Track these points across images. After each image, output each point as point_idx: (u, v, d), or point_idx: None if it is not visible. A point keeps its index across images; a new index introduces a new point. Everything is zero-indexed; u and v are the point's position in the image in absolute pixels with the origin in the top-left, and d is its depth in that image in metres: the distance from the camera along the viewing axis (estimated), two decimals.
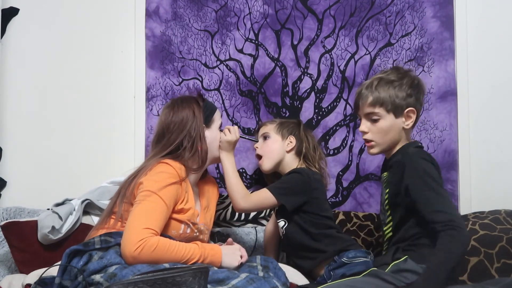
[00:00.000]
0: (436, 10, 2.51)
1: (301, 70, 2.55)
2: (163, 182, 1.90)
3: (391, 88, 1.98)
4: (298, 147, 2.28)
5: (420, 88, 2.03)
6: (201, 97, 2.18)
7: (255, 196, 2.15)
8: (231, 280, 1.66)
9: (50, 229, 2.12)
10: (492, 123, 2.48)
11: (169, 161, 1.98)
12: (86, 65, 2.63)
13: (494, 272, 2.08)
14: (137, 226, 1.79)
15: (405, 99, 1.98)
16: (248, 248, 2.31)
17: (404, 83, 2.00)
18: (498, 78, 2.49)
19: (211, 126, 2.13)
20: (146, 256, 1.74)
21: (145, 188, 1.89)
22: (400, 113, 1.98)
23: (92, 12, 2.64)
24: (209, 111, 2.13)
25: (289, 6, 2.56)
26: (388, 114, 1.99)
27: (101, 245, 1.80)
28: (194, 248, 1.84)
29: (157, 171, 1.95)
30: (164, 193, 1.88)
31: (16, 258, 2.19)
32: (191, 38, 2.59)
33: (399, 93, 1.97)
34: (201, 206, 2.15)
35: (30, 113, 2.62)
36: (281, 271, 1.85)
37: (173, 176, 1.94)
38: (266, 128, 2.32)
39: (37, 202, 2.45)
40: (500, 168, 2.47)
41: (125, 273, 1.67)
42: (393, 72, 2.04)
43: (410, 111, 1.99)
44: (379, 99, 1.98)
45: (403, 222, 1.92)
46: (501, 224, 2.19)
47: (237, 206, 2.14)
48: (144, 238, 1.76)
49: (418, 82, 2.04)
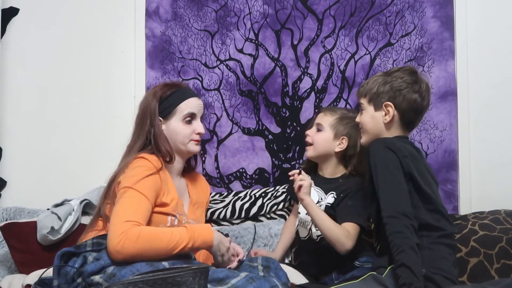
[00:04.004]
0: (436, 10, 2.50)
1: (301, 70, 2.55)
2: (138, 176, 1.87)
3: (379, 80, 1.98)
4: (348, 151, 2.18)
5: (412, 87, 1.95)
6: (170, 86, 2.07)
7: (351, 230, 2.02)
8: (231, 279, 1.66)
9: (49, 230, 2.13)
10: (492, 123, 2.48)
11: (144, 155, 1.95)
12: (86, 65, 2.63)
13: (494, 273, 2.08)
14: (117, 221, 1.75)
15: (387, 93, 1.95)
16: (247, 242, 2.30)
17: (392, 78, 1.96)
18: (498, 78, 2.48)
19: (171, 118, 2.02)
20: (129, 247, 1.69)
21: (123, 185, 1.86)
22: (379, 106, 1.96)
23: (92, 12, 2.64)
24: (171, 102, 2.02)
25: (289, 6, 2.56)
26: (369, 105, 1.99)
27: (93, 248, 1.78)
28: (181, 231, 1.77)
29: (133, 167, 1.91)
30: (141, 186, 1.85)
31: (15, 259, 2.19)
32: (191, 38, 2.59)
33: (381, 87, 1.96)
34: (191, 201, 2.12)
35: (30, 113, 2.62)
36: (282, 271, 1.85)
37: (149, 168, 1.91)
38: (323, 120, 2.20)
39: (37, 202, 2.46)
40: (500, 168, 2.46)
41: (124, 272, 1.66)
42: (399, 71, 2.00)
43: (387, 105, 1.95)
44: (364, 90, 2.00)
45: (379, 212, 1.86)
46: (501, 224, 2.19)
47: (346, 247, 1.98)
48: (124, 230, 1.71)
49: (411, 80, 1.96)
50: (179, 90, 2.06)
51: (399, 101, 1.95)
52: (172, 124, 2.03)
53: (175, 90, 2.05)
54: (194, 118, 2.05)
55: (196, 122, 2.05)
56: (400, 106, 1.95)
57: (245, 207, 2.38)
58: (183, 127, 2.03)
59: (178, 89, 2.06)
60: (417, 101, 1.95)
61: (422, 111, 2.01)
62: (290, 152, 2.54)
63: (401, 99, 1.95)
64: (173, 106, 2.02)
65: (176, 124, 2.03)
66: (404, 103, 1.95)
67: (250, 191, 2.45)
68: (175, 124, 2.03)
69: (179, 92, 2.05)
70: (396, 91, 1.95)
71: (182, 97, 2.04)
